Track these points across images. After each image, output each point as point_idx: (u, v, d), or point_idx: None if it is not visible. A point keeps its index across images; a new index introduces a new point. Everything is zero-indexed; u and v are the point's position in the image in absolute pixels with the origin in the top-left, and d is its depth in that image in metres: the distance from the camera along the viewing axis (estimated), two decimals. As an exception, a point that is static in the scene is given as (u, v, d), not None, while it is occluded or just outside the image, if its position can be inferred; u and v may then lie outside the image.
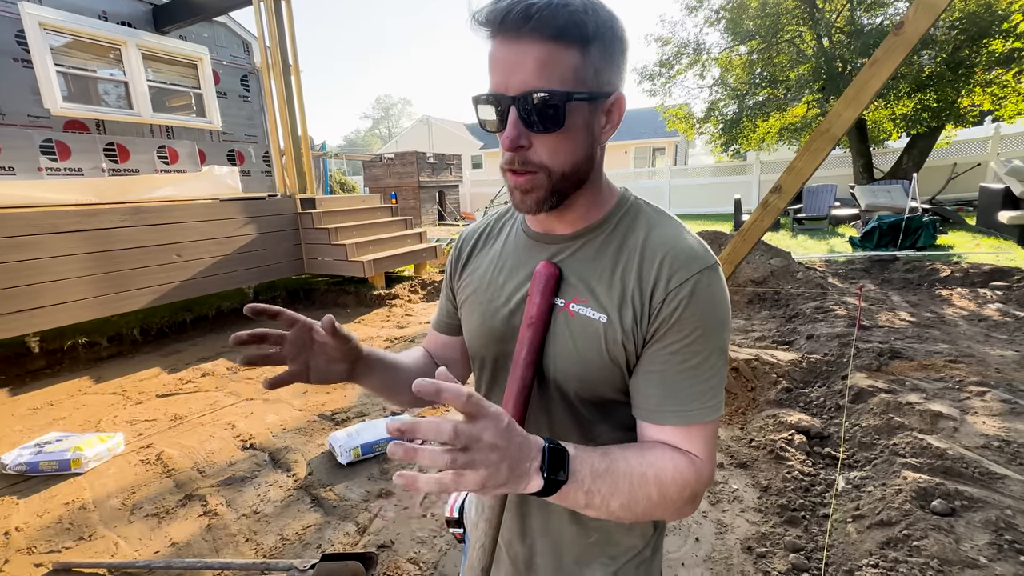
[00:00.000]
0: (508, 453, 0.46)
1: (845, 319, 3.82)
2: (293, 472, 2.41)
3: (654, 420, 0.57)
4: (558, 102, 0.51)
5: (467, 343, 0.73)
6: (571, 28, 0.49)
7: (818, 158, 2.71)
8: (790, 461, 2.27)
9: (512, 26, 0.49)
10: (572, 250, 0.62)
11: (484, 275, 0.70)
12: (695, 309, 0.55)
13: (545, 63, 0.50)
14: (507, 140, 0.53)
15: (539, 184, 0.56)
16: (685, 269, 0.56)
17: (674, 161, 20.97)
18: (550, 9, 0.48)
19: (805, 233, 9.01)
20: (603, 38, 0.52)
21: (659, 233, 0.60)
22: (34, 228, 3.67)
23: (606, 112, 0.56)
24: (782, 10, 9.83)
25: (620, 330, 0.57)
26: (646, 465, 0.54)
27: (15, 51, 4.83)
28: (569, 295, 0.61)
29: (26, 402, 3.34)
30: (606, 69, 0.54)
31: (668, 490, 0.54)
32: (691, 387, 0.56)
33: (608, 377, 0.59)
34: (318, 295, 5.96)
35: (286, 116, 5.55)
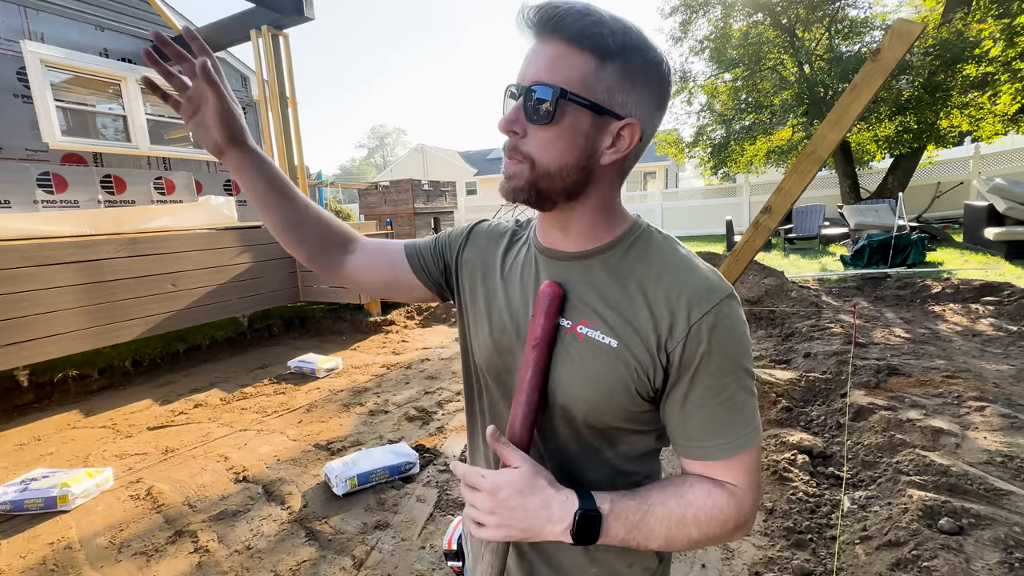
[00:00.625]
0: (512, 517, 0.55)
1: (841, 336, 3.83)
2: (287, 505, 2.34)
3: (698, 456, 0.58)
4: (554, 96, 0.52)
5: (474, 352, 0.71)
6: (590, 37, 0.52)
7: (805, 179, 2.77)
8: (794, 482, 2.24)
9: (542, 26, 0.53)
10: (581, 270, 0.62)
11: (492, 285, 0.70)
12: (721, 341, 0.55)
13: (556, 60, 0.53)
14: (502, 121, 0.56)
15: (520, 173, 0.57)
16: (705, 301, 0.55)
17: (665, 184, 21.36)
18: (574, 14, 0.52)
19: (797, 252, 9.12)
20: (627, 60, 0.53)
21: (672, 262, 0.59)
22: (28, 260, 3.66)
23: (614, 134, 0.56)
24: (763, 39, 10.21)
25: (632, 357, 0.56)
26: (684, 506, 0.56)
27: (16, 87, 4.92)
28: (576, 317, 0.60)
29: (12, 438, 3.26)
30: (622, 91, 0.54)
31: (708, 528, 0.56)
32: (730, 419, 0.56)
33: (618, 404, 0.58)
34: (313, 323, 5.92)
35: (283, 147, 5.64)
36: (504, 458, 0.57)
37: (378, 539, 2.07)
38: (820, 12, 9.49)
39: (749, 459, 0.57)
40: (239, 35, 5.63)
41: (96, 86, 5.60)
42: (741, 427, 0.56)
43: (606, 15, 0.53)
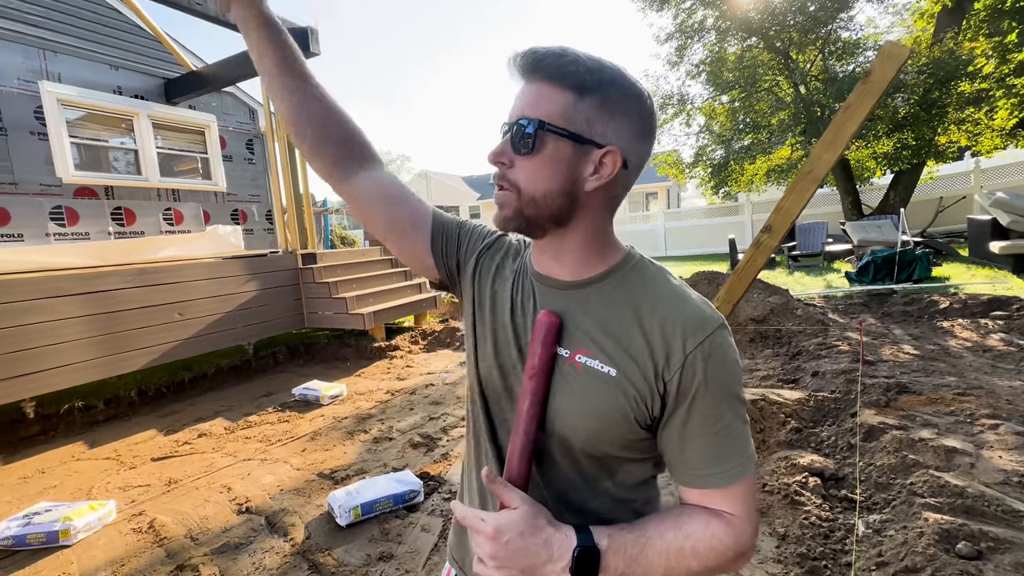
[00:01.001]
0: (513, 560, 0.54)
1: (849, 355, 3.79)
2: (290, 536, 2.31)
3: (697, 485, 0.59)
4: (534, 127, 0.57)
5: (477, 368, 0.71)
6: (567, 74, 0.56)
7: (804, 198, 2.80)
8: (806, 506, 2.19)
9: (526, 69, 0.58)
10: (577, 299, 0.63)
11: (498, 303, 0.70)
12: (715, 370, 0.56)
13: (538, 97, 0.57)
14: (491, 153, 0.61)
15: (509, 201, 0.60)
16: (700, 331, 0.57)
17: (667, 205, 21.51)
18: (552, 57, 0.57)
19: (801, 270, 9.10)
20: (604, 93, 0.57)
21: (666, 292, 0.61)
22: (38, 292, 3.72)
23: (596, 162, 0.58)
24: (758, 62, 10.42)
25: (631, 386, 0.58)
26: (683, 537, 0.56)
27: (33, 125, 5.08)
28: (575, 346, 0.61)
29: (17, 471, 3.25)
30: (601, 122, 0.57)
31: (708, 559, 0.56)
32: (727, 448, 0.57)
33: (616, 432, 0.59)
34: (318, 349, 5.93)
35: (288, 176, 5.76)
36: (502, 499, 0.57)
37: (382, 571, 2.03)
38: (813, 35, 9.71)
39: (746, 488, 0.58)
40: (247, 71, 5.82)
41: (109, 122, 5.79)
42: (737, 456, 0.58)
43: (582, 55, 0.57)
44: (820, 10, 9.20)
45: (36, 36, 5.28)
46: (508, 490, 0.57)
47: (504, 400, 0.68)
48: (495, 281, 0.72)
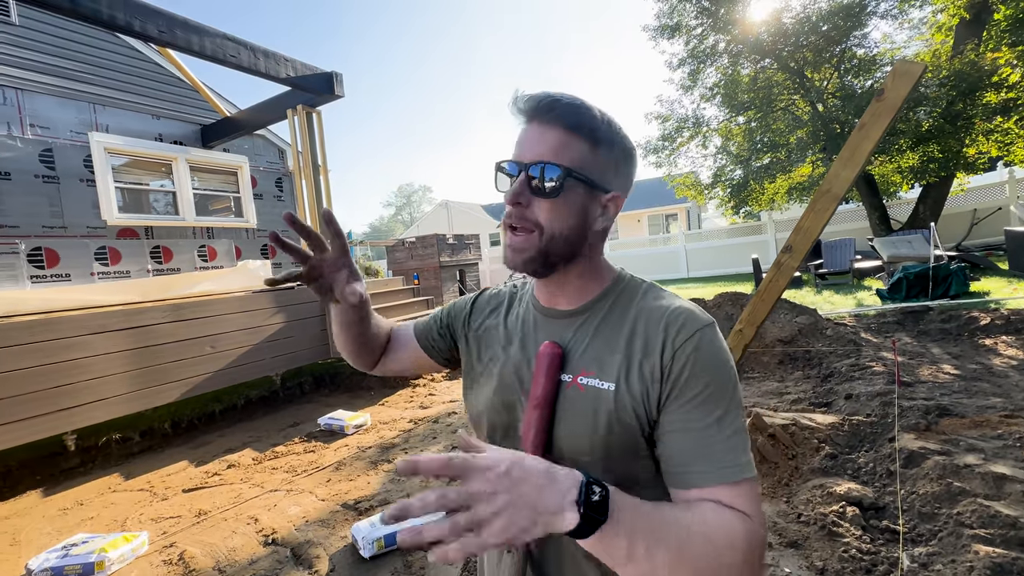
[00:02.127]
0: (520, 493, 0.44)
1: (884, 376, 3.64)
2: (315, 568, 2.31)
3: (699, 483, 0.54)
4: (563, 175, 0.61)
5: (475, 411, 0.75)
6: (583, 126, 0.62)
7: (824, 217, 2.77)
8: (845, 538, 2.08)
9: (540, 113, 0.62)
10: (577, 324, 0.67)
11: (495, 347, 0.75)
12: (704, 362, 0.58)
13: (560, 145, 0.62)
14: (511, 194, 0.63)
15: (529, 244, 0.64)
16: (687, 327, 0.60)
17: (688, 226, 21.36)
18: (572, 107, 0.62)
19: (829, 288, 8.84)
20: (611, 145, 0.64)
21: (656, 302, 0.65)
22: (82, 329, 3.92)
23: (603, 205, 0.65)
24: (773, 82, 10.45)
25: (629, 395, 0.59)
26: (696, 522, 0.51)
27: (82, 173, 5.47)
28: (576, 369, 0.64)
29: (57, 502, 3.36)
30: (608, 170, 0.65)
31: (720, 549, 0.49)
32: (721, 442, 0.55)
33: (624, 445, 0.60)
34: (343, 378, 6.02)
35: (315, 211, 5.99)
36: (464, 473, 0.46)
37: (405, 605, 2.00)
38: (827, 53, 9.71)
39: (752, 489, 0.55)
40: (277, 115, 6.17)
41: (150, 167, 6.17)
42: (736, 453, 0.55)
43: (594, 109, 0.64)
44: (833, 29, 9.22)
45: (87, 92, 5.73)
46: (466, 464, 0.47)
47: (510, 435, 0.70)
48: (491, 330, 0.78)
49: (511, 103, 0.64)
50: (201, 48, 4.59)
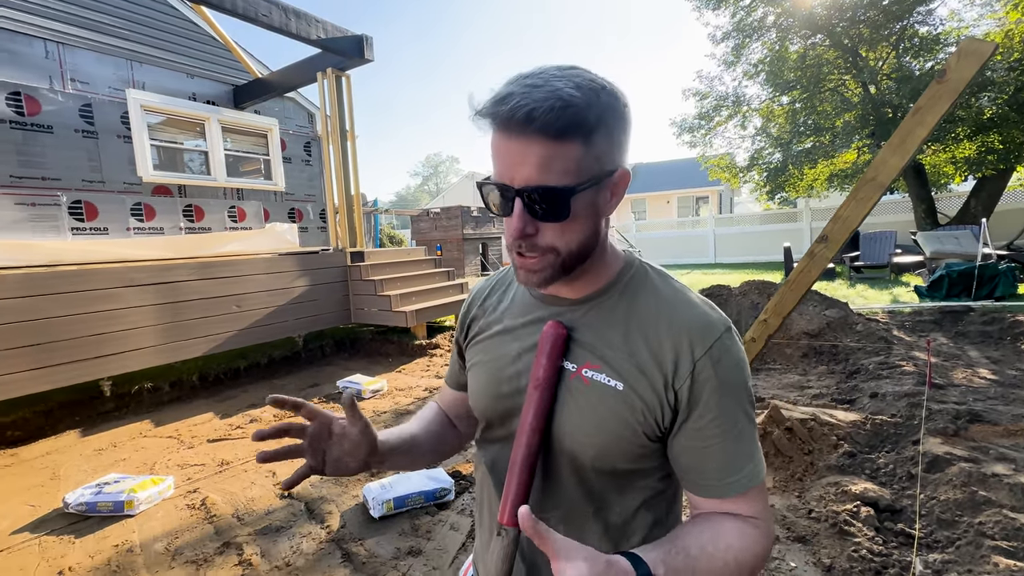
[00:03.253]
0: None
1: (914, 376, 3.50)
2: (327, 524, 2.41)
3: (715, 494, 0.58)
4: (563, 198, 0.52)
5: (472, 402, 0.72)
6: (572, 128, 0.50)
7: (865, 207, 2.62)
8: (857, 537, 2.04)
9: (516, 127, 0.50)
10: (580, 313, 0.62)
11: (492, 336, 0.71)
12: (725, 375, 0.56)
13: (548, 160, 0.50)
14: (515, 230, 0.54)
15: (548, 264, 0.57)
16: (706, 337, 0.57)
17: (719, 209, 20.71)
18: (553, 112, 0.48)
19: (864, 282, 8.50)
20: (606, 124, 0.53)
21: (669, 299, 0.60)
22: (119, 281, 4.08)
23: (611, 189, 0.57)
24: (823, 61, 9.84)
25: (638, 398, 0.57)
26: (724, 550, 0.55)
27: (119, 129, 5.59)
28: (581, 360, 0.60)
29: (93, 443, 3.58)
30: (609, 151, 0.54)
31: (747, 565, 0.56)
32: (740, 452, 0.57)
33: (627, 447, 0.59)
34: (363, 344, 6.15)
35: (341, 177, 6.01)
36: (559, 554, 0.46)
37: (410, 566, 2.07)
38: (886, 31, 9.04)
39: (762, 491, 0.59)
40: (308, 77, 6.15)
41: (184, 126, 6.27)
42: (751, 460, 0.58)
43: (575, 91, 0.50)
44: (895, 4, 8.56)
45: (125, 48, 5.81)
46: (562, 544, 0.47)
47: (507, 424, 0.67)
48: (488, 320, 0.72)
49: (472, 112, 0.52)
50: (233, 6, 4.57)
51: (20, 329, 3.58)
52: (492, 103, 0.51)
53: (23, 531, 2.45)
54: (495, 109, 0.51)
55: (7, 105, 4.80)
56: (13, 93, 4.84)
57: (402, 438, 0.76)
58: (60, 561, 2.19)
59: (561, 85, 0.50)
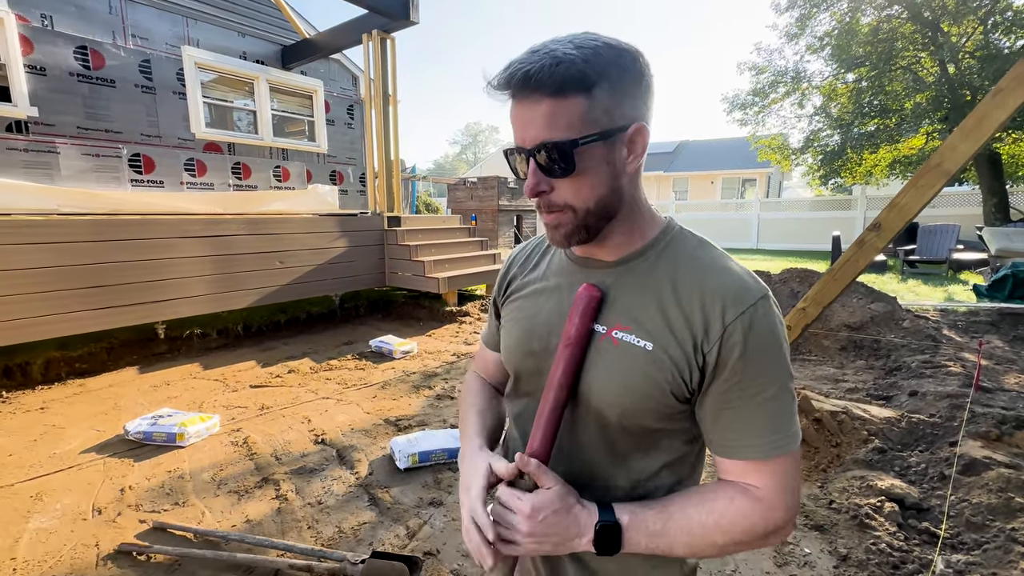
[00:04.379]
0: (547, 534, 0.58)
1: (960, 377, 3.34)
2: (356, 470, 2.56)
3: (732, 455, 0.59)
4: (566, 149, 0.54)
5: (504, 357, 0.75)
6: (569, 82, 0.52)
7: (926, 195, 2.46)
8: (877, 531, 2.01)
9: (518, 89, 0.54)
10: (615, 276, 0.63)
11: (527, 295, 0.72)
12: (757, 342, 0.55)
13: (550, 116, 0.54)
14: (528, 188, 0.58)
15: (566, 221, 0.60)
16: (740, 301, 0.56)
17: (766, 193, 19.77)
18: (546, 70, 0.52)
19: (918, 277, 8.03)
20: (609, 78, 0.54)
21: (706, 264, 0.60)
22: (172, 232, 4.33)
23: (627, 144, 0.57)
24: (897, 35, 9.06)
25: (668, 359, 0.57)
26: (706, 513, 0.57)
27: (175, 86, 5.80)
28: (612, 322, 0.61)
29: (149, 380, 3.89)
30: (619, 105, 0.55)
31: (734, 534, 0.56)
32: (768, 421, 0.56)
33: (654, 406, 0.59)
34: (395, 307, 6.33)
35: (382, 142, 6.07)
36: (540, 480, 0.59)
37: (431, 515, 2.19)
38: (975, 2, 8.20)
39: (784, 464, 0.57)
40: (353, 39, 6.16)
41: (234, 85, 6.44)
42: (778, 430, 0.57)
43: (572, 50, 0.53)
44: (989, -28, 7.73)
45: (181, 4, 5.95)
46: (545, 473, 0.59)
47: (534, 380, 0.70)
48: (524, 281, 0.74)
49: (487, 87, 0.56)
50: (285, -37, 4.58)
51: (88, 271, 3.87)
52: (499, 72, 0.55)
53: (90, 452, 2.72)
54: (499, 77, 0.55)
55: (75, 58, 5.04)
56: (80, 47, 5.07)
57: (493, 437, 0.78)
58: (121, 480, 2.44)
59: (558, 47, 0.53)
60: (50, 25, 5.02)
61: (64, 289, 3.75)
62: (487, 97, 0.57)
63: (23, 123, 4.79)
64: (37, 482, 2.42)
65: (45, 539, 2.00)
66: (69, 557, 1.90)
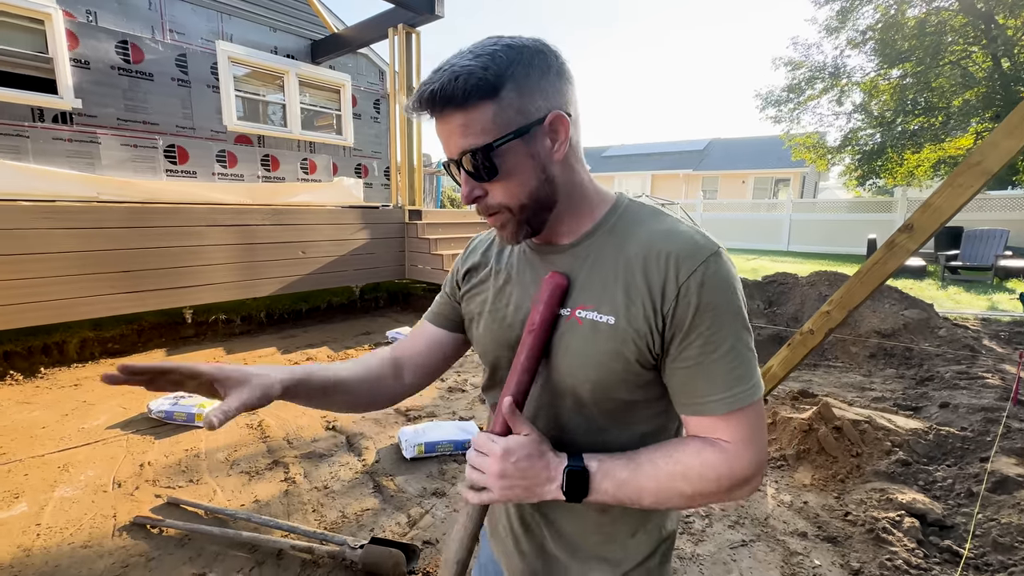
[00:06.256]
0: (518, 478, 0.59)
1: (997, 390, 3.15)
2: (363, 457, 2.60)
3: (694, 412, 0.59)
4: (485, 153, 0.57)
5: (478, 351, 0.76)
6: (472, 91, 0.54)
7: (963, 196, 2.33)
8: (894, 547, 1.92)
9: (431, 108, 0.57)
10: (572, 258, 0.64)
11: (493, 284, 0.73)
12: (711, 297, 0.56)
13: (464, 127, 0.56)
14: (464, 196, 0.61)
15: (506, 220, 0.62)
16: (691, 259, 0.57)
17: (800, 194, 19.10)
18: (448, 86, 0.54)
19: (959, 284, 7.62)
20: (514, 78, 0.56)
21: (656, 231, 0.61)
22: (202, 221, 4.48)
23: (549, 134, 0.59)
24: (947, 28, 8.59)
25: (630, 328, 0.58)
26: (672, 463, 0.58)
27: (209, 79, 5.99)
28: (575, 303, 0.62)
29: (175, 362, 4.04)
30: (529, 100, 0.57)
31: (699, 485, 0.57)
32: (728, 373, 0.57)
33: (623, 378, 0.60)
34: (414, 299, 6.40)
35: (405, 135, 6.13)
36: (515, 426, 0.61)
37: (433, 505, 2.21)
38: (1034, -7, 7.69)
39: (746, 416, 0.58)
40: (380, 33, 6.22)
41: (265, 78, 6.61)
42: (738, 383, 0.57)
43: (470, 61, 0.55)
44: (1051, -40, 7.23)
45: (217, 1, 6.13)
46: (520, 419, 0.61)
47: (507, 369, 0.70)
48: (486, 272, 0.75)
49: (410, 113, 0.60)
50: (313, -42, 4.65)
51: (122, 256, 4.04)
52: (411, 98, 0.59)
53: (115, 428, 2.85)
54: (409, 103, 0.59)
55: (116, 52, 5.27)
56: (121, 42, 5.29)
57: (317, 385, 0.70)
58: (141, 456, 2.54)
59: (456, 60, 0.56)
60: (94, 20, 5.25)
61: (100, 272, 3.93)
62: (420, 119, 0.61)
63: (68, 114, 5.03)
64: (66, 454, 2.55)
65: (68, 508, 2.11)
66: (88, 526, 2.00)
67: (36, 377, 3.64)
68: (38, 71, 4.89)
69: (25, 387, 3.46)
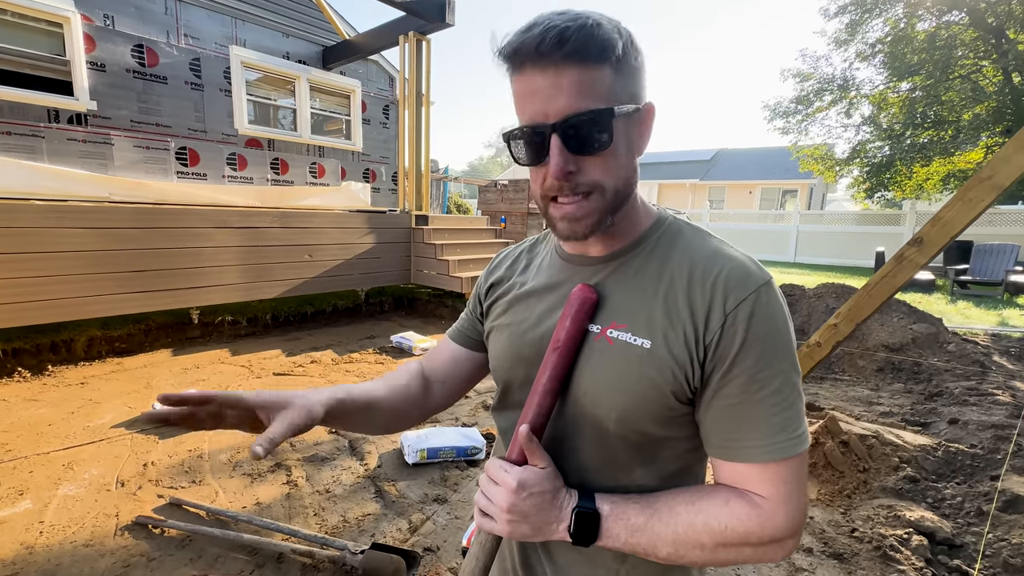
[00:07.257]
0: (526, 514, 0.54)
1: (1008, 408, 3.10)
2: (365, 462, 2.59)
3: (730, 457, 0.53)
4: (605, 120, 0.50)
5: (492, 366, 0.70)
6: (605, 49, 0.49)
7: (974, 210, 2.32)
8: (901, 565, 1.89)
9: (548, 53, 0.48)
10: (608, 272, 0.59)
11: (516, 298, 0.68)
12: (760, 329, 0.51)
13: (586, 84, 0.49)
14: (556, 169, 0.51)
15: (593, 208, 0.54)
16: (741, 288, 0.52)
17: (807, 205, 19.03)
18: (584, 31, 0.48)
19: (969, 299, 7.54)
20: (629, 54, 0.52)
21: (704, 252, 0.56)
22: (211, 222, 4.52)
23: (641, 123, 0.55)
24: (957, 42, 8.57)
25: (669, 356, 0.53)
26: (695, 512, 0.52)
27: (221, 83, 6.07)
28: (606, 320, 0.57)
29: (181, 362, 4.06)
30: (634, 82, 0.53)
31: (724, 539, 0.51)
32: (772, 416, 0.51)
33: (654, 408, 0.54)
34: (419, 304, 6.41)
35: (413, 141, 6.17)
36: (531, 458, 0.56)
37: (435, 511, 2.19)
38: (1045, 8, 7.68)
39: (788, 469, 0.51)
40: (391, 40, 6.29)
41: (276, 83, 6.69)
42: (782, 430, 0.51)
43: (603, 20, 0.50)
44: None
45: (230, 6, 6.22)
46: (538, 450, 0.56)
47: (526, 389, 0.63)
48: (510, 285, 0.70)
49: (496, 50, 0.51)
50: (327, -34, 4.72)
51: (131, 256, 4.08)
52: (518, 33, 0.50)
53: (120, 427, 2.86)
54: (522, 38, 0.49)
55: (132, 56, 5.35)
56: (137, 45, 5.38)
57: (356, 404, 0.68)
58: (145, 456, 2.55)
59: (588, 16, 0.50)
60: (111, 24, 5.34)
61: (110, 272, 3.97)
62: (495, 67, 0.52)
63: (83, 116, 5.11)
64: (70, 452, 2.56)
65: (71, 506, 2.12)
66: (91, 525, 2.00)
67: (43, 374, 3.67)
68: (55, 73, 4.98)
69: (32, 384, 3.49)
